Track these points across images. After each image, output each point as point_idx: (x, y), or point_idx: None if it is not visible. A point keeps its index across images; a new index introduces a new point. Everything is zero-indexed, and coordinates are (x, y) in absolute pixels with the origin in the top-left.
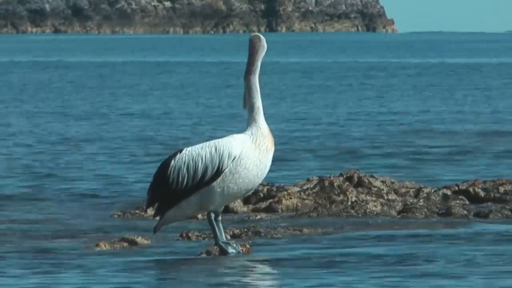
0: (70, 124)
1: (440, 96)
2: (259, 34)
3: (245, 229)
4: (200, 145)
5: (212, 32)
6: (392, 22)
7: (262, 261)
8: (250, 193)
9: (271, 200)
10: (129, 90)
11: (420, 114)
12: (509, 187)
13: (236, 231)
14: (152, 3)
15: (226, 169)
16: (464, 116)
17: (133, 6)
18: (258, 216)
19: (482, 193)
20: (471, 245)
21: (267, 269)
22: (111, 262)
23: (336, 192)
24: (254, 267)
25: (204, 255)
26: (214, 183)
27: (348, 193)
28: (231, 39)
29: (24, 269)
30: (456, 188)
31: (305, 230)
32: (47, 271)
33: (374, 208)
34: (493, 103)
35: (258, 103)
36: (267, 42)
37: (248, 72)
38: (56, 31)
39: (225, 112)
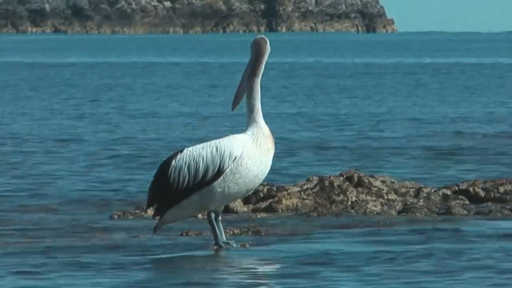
0: (67, 124)
1: (436, 96)
2: (265, 36)
3: (245, 229)
4: (201, 145)
5: (212, 32)
6: (392, 22)
7: (262, 261)
8: (250, 193)
9: (271, 200)
10: (124, 90)
11: (417, 114)
12: (509, 187)
13: (236, 231)
14: (152, 3)
15: (227, 169)
16: (461, 115)
17: (133, 6)
18: (258, 216)
19: (482, 193)
20: (471, 244)
21: (267, 268)
22: (111, 262)
23: (336, 192)
24: (254, 266)
25: (204, 254)
26: (215, 183)
27: (348, 193)
28: (230, 39)
29: (23, 269)
30: (456, 188)
31: (305, 230)
32: (46, 271)
33: (374, 208)
34: (489, 102)
35: (258, 105)
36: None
37: (253, 74)
38: (56, 31)
39: (220, 112)
